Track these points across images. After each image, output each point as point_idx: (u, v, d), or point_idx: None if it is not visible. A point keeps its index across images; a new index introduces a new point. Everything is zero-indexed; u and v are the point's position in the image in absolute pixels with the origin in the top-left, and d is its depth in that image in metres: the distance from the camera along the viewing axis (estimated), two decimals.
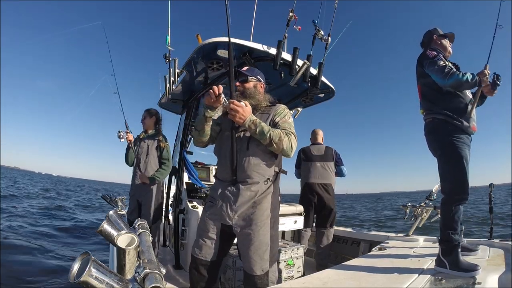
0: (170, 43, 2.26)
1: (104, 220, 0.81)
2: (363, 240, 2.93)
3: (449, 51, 1.90)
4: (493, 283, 1.40)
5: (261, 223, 1.45)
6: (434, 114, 1.77)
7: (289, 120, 1.56)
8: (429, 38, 1.95)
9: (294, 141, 1.47)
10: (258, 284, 1.40)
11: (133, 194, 2.96)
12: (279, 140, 1.40)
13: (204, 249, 1.48)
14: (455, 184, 1.66)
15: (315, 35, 2.07)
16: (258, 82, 1.66)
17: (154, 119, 3.08)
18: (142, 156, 2.95)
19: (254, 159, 1.47)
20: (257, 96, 1.59)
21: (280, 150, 1.43)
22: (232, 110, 1.38)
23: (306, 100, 2.89)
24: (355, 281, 1.44)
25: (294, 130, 1.52)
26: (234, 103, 1.39)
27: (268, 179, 1.51)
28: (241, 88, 1.61)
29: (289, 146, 1.43)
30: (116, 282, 0.66)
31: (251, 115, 1.43)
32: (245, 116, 1.39)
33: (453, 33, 1.92)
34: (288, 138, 1.43)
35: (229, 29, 1.52)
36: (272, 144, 1.40)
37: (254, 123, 1.40)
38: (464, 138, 1.69)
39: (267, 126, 1.42)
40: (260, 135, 1.40)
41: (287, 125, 1.51)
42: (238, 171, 1.48)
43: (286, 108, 1.62)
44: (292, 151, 1.46)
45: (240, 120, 1.39)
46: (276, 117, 1.55)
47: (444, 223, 1.67)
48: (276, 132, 1.42)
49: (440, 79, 1.68)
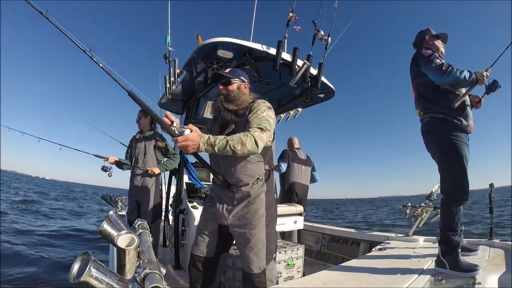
0: (170, 43, 2.26)
1: (104, 220, 0.81)
2: (363, 240, 2.93)
3: (441, 52, 1.88)
4: (493, 283, 1.39)
5: (256, 221, 1.46)
6: (432, 113, 1.75)
7: (262, 114, 1.45)
8: (421, 38, 1.94)
9: (260, 137, 1.35)
10: (256, 282, 1.43)
11: (132, 195, 2.96)
12: (241, 146, 1.28)
13: (201, 246, 1.53)
14: (455, 184, 1.65)
15: (315, 35, 2.07)
16: (241, 83, 1.63)
17: (149, 119, 3.06)
18: (140, 156, 2.94)
19: (240, 163, 1.47)
20: (242, 98, 1.54)
21: (246, 153, 1.33)
22: (182, 147, 1.22)
23: (306, 100, 2.89)
24: (355, 281, 1.44)
25: (265, 124, 1.40)
26: (178, 139, 1.20)
27: (259, 178, 1.51)
28: (224, 92, 1.58)
29: (253, 145, 1.32)
30: (116, 282, 0.66)
31: (202, 137, 1.25)
32: (197, 142, 1.23)
33: (446, 33, 1.91)
34: (250, 138, 1.31)
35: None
36: (236, 152, 1.29)
37: (209, 143, 1.25)
38: (463, 137, 1.68)
39: (223, 139, 1.28)
40: (221, 151, 1.27)
41: (256, 121, 1.41)
42: (226, 177, 1.51)
43: (262, 102, 1.53)
44: (259, 147, 1.34)
45: (194, 149, 1.24)
46: (249, 114, 1.48)
47: (444, 224, 1.66)
48: (236, 138, 1.29)
49: (438, 77, 1.66)
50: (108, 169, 3.07)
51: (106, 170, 3.08)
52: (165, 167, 2.93)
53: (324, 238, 3.36)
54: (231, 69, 1.67)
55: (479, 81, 1.62)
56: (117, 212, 0.99)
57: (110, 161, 3.02)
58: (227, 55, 2.14)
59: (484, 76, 1.62)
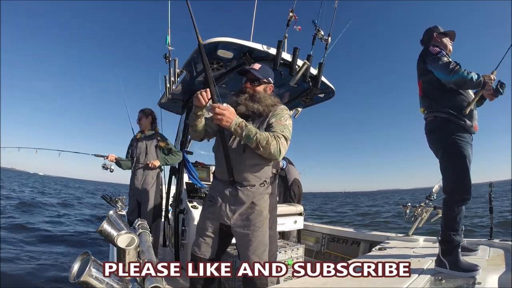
0: (170, 43, 2.26)
1: (104, 220, 0.81)
2: (363, 240, 2.93)
3: (449, 49, 1.86)
4: (493, 283, 1.39)
5: (260, 223, 1.45)
6: (436, 113, 1.74)
7: (285, 122, 1.49)
8: (429, 35, 1.91)
9: (284, 145, 1.40)
10: (257, 284, 1.41)
11: (133, 194, 2.96)
12: (266, 144, 1.34)
13: (203, 247, 1.50)
14: (458, 184, 1.64)
15: (315, 35, 2.07)
16: (268, 85, 1.60)
17: (150, 119, 3.08)
18: (141, 156, 2.96)
19: (251, 162, 1.46)
20: (266, 101, 1.51)
21: (267, 154, 1.37)
22: (218, 114, 1.31)
23: (306, 100, 2.89)
24: (355, 281, 1.44)
25: (287, 133, 1.45)
26: (219, 107, 1.31)
27: (265, 181, 1.51)
28: (251, 91, 1.54)
29: (277, 150, 1.37)
30: (116, 282, 0.67)
31: (237, 117, 1.35)
32: (231, 119, 1.32)
33: (453, 31, 1.89)
34: (277, 141, 1.37)
35: (196, 30, 1.45)
36: (259, 148, 1.34)
37: (240, 126, 1.33)
38: (467, 137, 1.67)
39: (254, 129, 1.35)
40: (247, 138, 1.34)
41: (280, 127, 1.44)
42: (235, 173, 1.48)
43: (285, 109, 1.55)
44: (281, 155, 1.40)
45: (226, 124, 1.32)
46: (272, 118, 1.49)
47: (445, 224, 1.65)
48: (264, 135, 1.35)
49: (445, 75, 1.64)
50: (108, 166, 3.08)
51: (107, 168, 3.09)
52: (165, 160, 2.91)
53: (324, 238, 3.36)
54: (261, 66, 1.60)
55: (487, 84, 1.61)
56: (117, 212, 0.99)
57: (110, 159, 3.02)
58: (227, 55, 2.14)
59: (491, 79, 1.61)
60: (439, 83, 1.72)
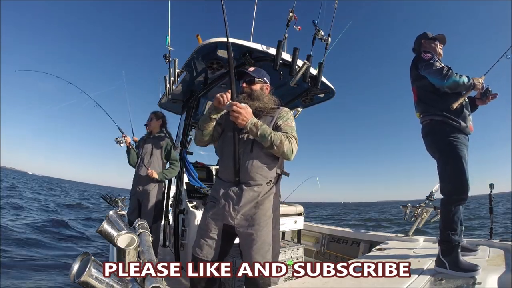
0: (170, 43, 2.26)
1: (104, 220, 0.81)
2: (363, 241, 2.93)
3: (439, 53, 1.91)
4: (493, 283, 1.40)
5: (264, 223, 1.45)
6: (431, 116, 1.79)
7: (292, 123, 1.56)
8: (419, 42, 1.98)
9: (295, 145, 1.46)
10: (260, 284, 1.40)
11: (134, 193, 2.96)
12: (280, 143, 1.40)
13: (205, 249, 1.49)
14: (455, 184, 1.67)
15: (315, 35, 2.07)
16: (264, 84, 1.66)
17: (161, 122, 3.09)
18: (146, 156, 2.96)
19: (258, 162, 1.48)
20: (264, 99, 1.57)
21: (280, 153, 1.43)
22: (235, 112, 1.36)
23: (306, 100, 2.89)
24: (355, 281, 1.44)
25: (295, 134, 1.51)
26: (237, 105, 1.37)
27: (271, 180, 1.52)
28: (248, 90, 1.60)
29: (290, 149, 1.43)
30: (116, 282, 0.67)
31: (253, 117, 1.41)
32: (247, 118, 1.38)
33: (442, 34, 1.93)
34: (289, 141, 1.43)
35: (227, 29, 1.50)
36: (273, 147, 1.40)
37: (256, 125, 1.39)
38: (462, 138, 1.71)
39: (268, 129, 1.42)
40: (262, 137, 1.40)
41: (289, 129, 1.51)
42: (241, 173, 1.49)
43: (289, 112, 1.61)
44: (293, 154, 1.46)
45: (242, 122, 1.38)
46: (279, 120, 1.54)
47: (444, 224, 1.67)
48: (278, 135, 1.41)
49: (439, 80, 1.71)
50: (122, 141, 3.07)
51: (119, 142, 3.07)
52: (164, 175, 2.89)
53: (324, 238, 3.36)
54: (255, 68, 1.69)
55: (475, 87, 1.71)
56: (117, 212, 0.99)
57: (126, 140, 3.04)
58: (227, 55, 2.14)
59: (480, 82, 1.72)
60: (433, 87, 1.78)
